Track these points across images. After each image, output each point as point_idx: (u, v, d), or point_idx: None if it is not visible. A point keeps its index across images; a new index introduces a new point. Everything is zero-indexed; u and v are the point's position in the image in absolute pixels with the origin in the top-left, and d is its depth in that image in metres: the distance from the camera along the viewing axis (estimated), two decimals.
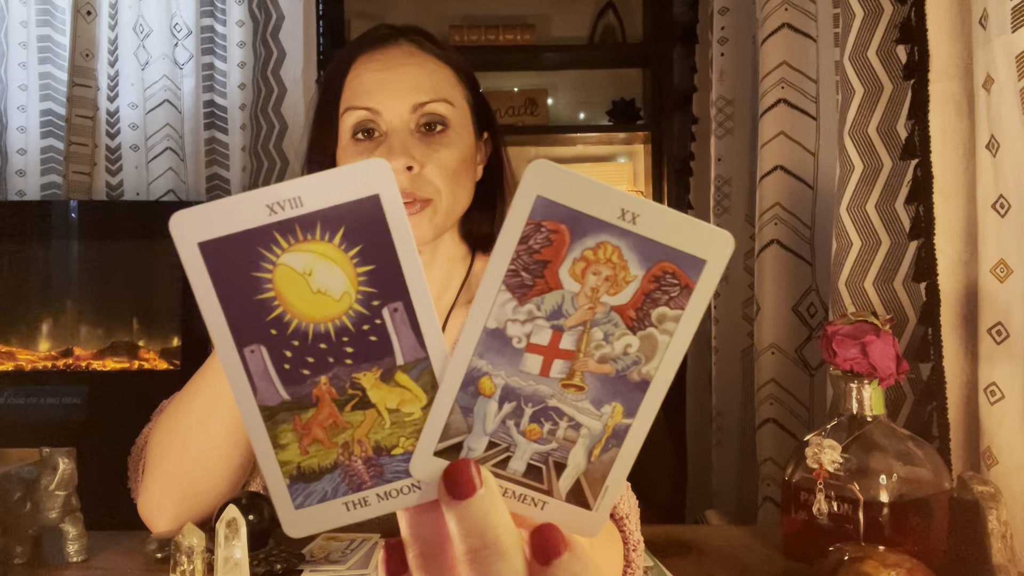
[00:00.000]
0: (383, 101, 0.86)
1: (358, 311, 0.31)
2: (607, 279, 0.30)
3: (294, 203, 0.30)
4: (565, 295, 0.30)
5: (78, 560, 0.87)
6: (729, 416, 1.69)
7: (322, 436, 0.31)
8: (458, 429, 0.31)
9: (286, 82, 2.03)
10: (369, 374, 0.31)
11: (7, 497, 0.83)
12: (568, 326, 0.31)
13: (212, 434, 0.84)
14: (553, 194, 0.29)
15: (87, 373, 1.78)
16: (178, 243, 0.30)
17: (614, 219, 0.30)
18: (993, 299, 0.91)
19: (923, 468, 0.87)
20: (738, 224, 1.71)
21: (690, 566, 0.88)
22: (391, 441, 0.31)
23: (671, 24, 2.52)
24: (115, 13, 2.00)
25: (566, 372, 0.31)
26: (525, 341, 0.31)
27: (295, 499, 0.32)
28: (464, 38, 2.63)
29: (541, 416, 0.31)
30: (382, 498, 0.32)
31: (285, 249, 0.30)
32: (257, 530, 0.81)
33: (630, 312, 0.30)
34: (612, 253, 0.30)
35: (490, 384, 0.31)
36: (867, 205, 1.11)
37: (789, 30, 1.42)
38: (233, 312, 0.30)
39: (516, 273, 0.30)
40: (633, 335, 0.31)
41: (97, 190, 2.00)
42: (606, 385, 0.31)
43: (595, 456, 0.31)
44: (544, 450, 0.31)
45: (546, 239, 0.30)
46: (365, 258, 0.30)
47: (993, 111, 0.90)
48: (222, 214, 0.30)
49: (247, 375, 0.31)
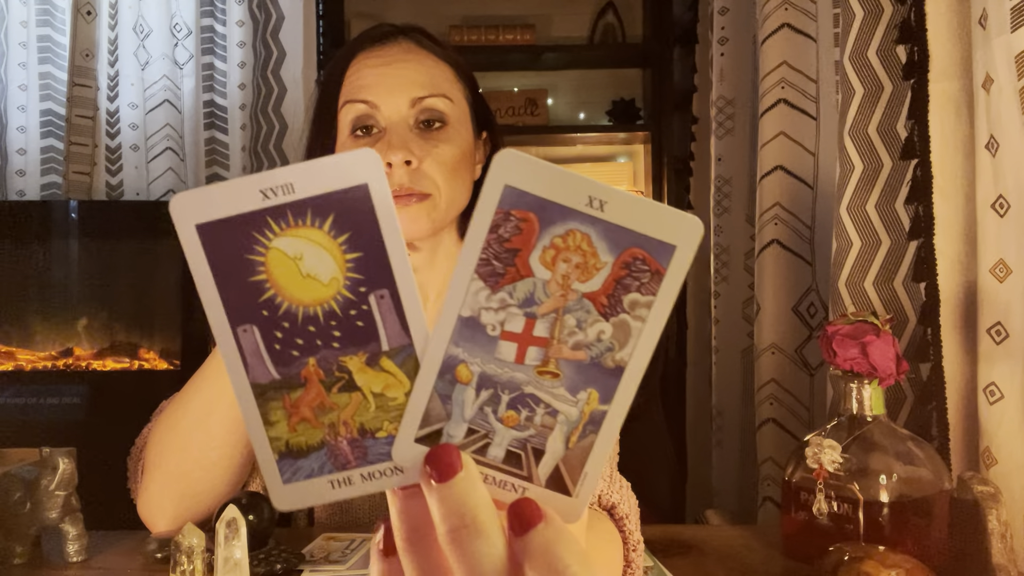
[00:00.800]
0: (382, 95, 0.87)
1: (346, 296, 0.32)
2: (577, 266, 0.31)
3: (286, 189, 0.31)
4: (537, 283, 0.31)
5: (78, 560, 0.87)
6: (729, 416, 1.69)
7: (309, 415, 0.32)
8: (438, 416, 0.32)
9: (286, 82, 2.03)
10: (355, 358, 0.32)
11: (7, 497, 0.83)
12: (541, 313, 0.31)
13: (211, 434, 0.84)
14: (521, 183, 0.30)
15: (87, 373, 1.78)
16: (177, 224, 0.31)
17: (582, 206, 0.30)
18: (992, 299, 0.91)
19: (923, 468, 0.87)
20: (738, 224, 1.71)
21: (690, 566, 0.88)
22: (375, 424, 0.32)
23: (671, 24, 2.52)
24: (115, 13, 2.00)
25: (541, 359, 0.31)
26: (499, 329, 0.31)
27: (283, 474, 0.33)
28: (464, 38, 2.63)
29: (518, 403, 0.32)
30: (366, 478, 0.32)
31: (277, 234, 0.31)
32: (257, 530, 0.81)
33: (602, 299, 0.31)
34: (581, 240, 0.30)
35: (467, 372, 0.31)
36: (867, 205, 1.11)
37: (789, 30, 1.42)
38: (227, 292, 0.31)
39: (487, 262, 0.31)
40: (606, 321, 0.31)
41: (97, 190, 2.00)
42: (581, 372, 0.31)
43: (573, 442, 0.32)
44: (522, 436, 0.32)
45: (515, 228, 0.30)
46: (353, 245, 0.31)
47: (993, 111, 0.90)
48: (219, 197, 0.31)
49: (240, 353, 0.32)
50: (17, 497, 0.84)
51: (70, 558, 0.87)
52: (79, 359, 1.80)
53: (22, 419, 1.72)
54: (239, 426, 0.82)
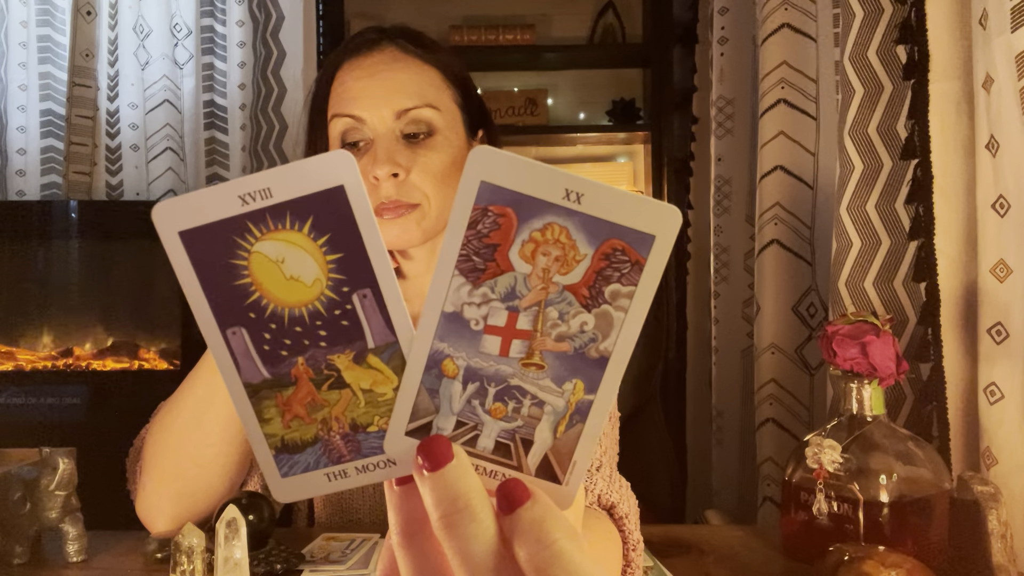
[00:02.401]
0: (367, 108, 0.86)
1: (329, 297, 0.32)
2: (557, 259, 0.31)
3: (264, 194, 0.31)
4: (517, 276, 0.31)
5: (78, 560, 0.87)
6: (729, 416, 1.69)
7: (302, 412, 0.33)
8: (426, 410, 0.32)
9: (286, 82, 2.03)
10: (343, 356, 0.33)
11: (7, 497, 0.83)
12: (523, 307, 0.31)
13: (207, 432, 0.84)
14: (497, 179, 0.30)
15: (87, 373, 1.78)
16: (160, 232, 0.32)
17: (559, 199, 0.30)
18: (993, 299, 0.91)
19: (923, 468, 0.87)
20: (738, 224, 1.71)
21: (690, 566, 0.88)
22: (366, 419, 0.33)
23: (671, 24, 2.52)
24: (115, 13, 2.00)
25: (525, 352, 0.32)
26: (483, 323, 0.32)
27: (281, 468, 0.34)
28: (464, 38, 2.63)
29: (505, 395, 0.32)
30: (360, 471, 0.34)
31: (259, 238, 0.32)
32: (257, 530, 0.81)
33: (583, 290, 0.31)
34: (560, 233, 0.31)
35: (453, 366, 0.32)
36: (867, 205, 1.11)
37: (789, 30, 1.42)
38: (214, 297, 0.32)
39: (468, 258, 0.31)
40: (588, 313, 0.31)
41: (97, 190, 2.00)
42: (565, 363, 0.32)
43: (560, 432, 0.32)
44: (510, 428, 0.32)
45: (494, 223, 0.31)
46: (333, 246, 0.32)
47: (993, 111, 0.90)
48: (199, 204, 0.31)
49: (231, 355, 0.33)
50: (17, 497, 0.84)
51: (70, 558, 0.87)
52: (79, 359, 1.80)
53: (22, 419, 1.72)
54: (234, 424, 0.82)
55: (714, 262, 1.74)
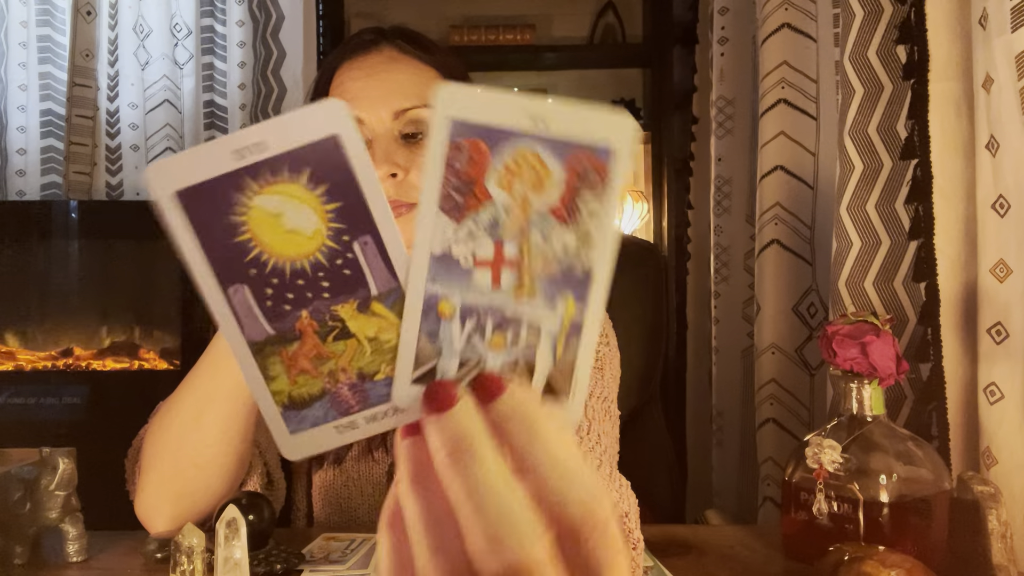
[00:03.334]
0: (365, 109, 0.87)
1: (330, 247, 0.32)
2: (532, 184, 0.32)
3: (259, 147, 0.31)
4: (497, 206, 0.32)
5: (78, 560, 0.87)
6: (729, 416, 1.69)
7: (308, 366, 0.33)
8: (429, 355, 0.33)
9: (286, 82, 2.03)
10: (347, 306, 0.33)
11: (7, 497, 0.83)
12: (507, 236, 0.32)
13: (206, 432, 0.83)
14: (464, 114, 0.31)
15: (87, 373, 1.78)
16: (155, 194, 0.31)
17: (525, 126, 0.31)
18: (993, 299, 0.91)
19: (923, 468, 0.87)
20: (738, 224, 1.71)
21: (690, 566, 0.88)
22: (373, 367, 0.33)
23: (671, 24, 2.51)
24: (115, 13, 2.00)
25: (515, 280, 0.32)
26: (471, 259, 0.32)
27: (289, 425, 0.34)
28: (464, 38, 2.63)
29: (502, 326, 0.33)
30: (369, 420, 0.34)
31: (256, 192, 0.31)
32: (257, 530, 0.81)
33: (561, 211, 0.32)
34: (532, 158, 0.31)
35: (448, 306, 0.32)
36: (867, 205, 1.11)
37: (789, 30, 1.42)
38: (213, 255, 0.32)
39: (448, 196, 0.32)
40: (568, 230, 0.32)
41: (97, 190, 2.00)
42: (554, 284, 0.33)
43: (560, 351, 0.33)
44: (512, 357, 0.33)
45: (468, 157, 0.31)
46: (332, 196, 0.32)
47: (993, 111, 0.90)
48: (193, 162, 0.31)
49: (233, 313, 0.33)
50: (17, 497, 0.84)
51: (70, 558, 0.87)
52: (79, 359, 1.80)
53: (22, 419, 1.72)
54: (233, 424, 0.82)
55: (714, 262, 1.73)
